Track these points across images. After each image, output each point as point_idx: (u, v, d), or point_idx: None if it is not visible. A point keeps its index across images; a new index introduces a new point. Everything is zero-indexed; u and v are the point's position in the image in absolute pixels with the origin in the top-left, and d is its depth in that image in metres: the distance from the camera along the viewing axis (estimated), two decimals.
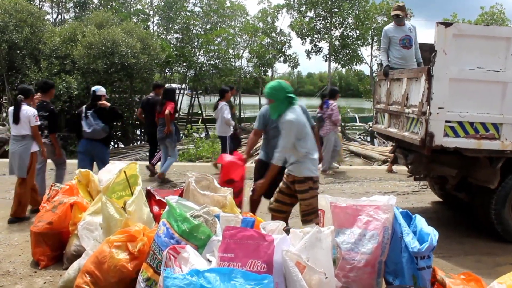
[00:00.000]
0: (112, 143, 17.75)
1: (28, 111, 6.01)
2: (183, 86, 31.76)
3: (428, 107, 5.35)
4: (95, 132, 6.65)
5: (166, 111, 8.37)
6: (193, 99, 30.16)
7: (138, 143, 19.52)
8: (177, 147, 9.88)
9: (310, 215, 4.23)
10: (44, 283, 4.08)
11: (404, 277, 3.42)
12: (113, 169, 4.76)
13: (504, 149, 5.56)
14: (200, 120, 26.39)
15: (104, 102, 6.83)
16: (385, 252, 3.47)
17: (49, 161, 6.82)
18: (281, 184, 4.64)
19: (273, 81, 4.60)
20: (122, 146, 18.55)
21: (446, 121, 5.39)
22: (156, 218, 4.21)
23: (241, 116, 30.39)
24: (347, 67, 32.26)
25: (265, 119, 5.21)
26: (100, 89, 6.96)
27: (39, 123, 6.11)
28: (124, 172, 4.31)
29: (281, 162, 4.38)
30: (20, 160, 5.98)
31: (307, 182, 4.39)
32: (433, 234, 3.46)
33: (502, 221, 5.74)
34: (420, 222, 3.65)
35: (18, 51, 18.53)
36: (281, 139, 4.33)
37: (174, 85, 33.72)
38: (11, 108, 6.15)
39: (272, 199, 4.69)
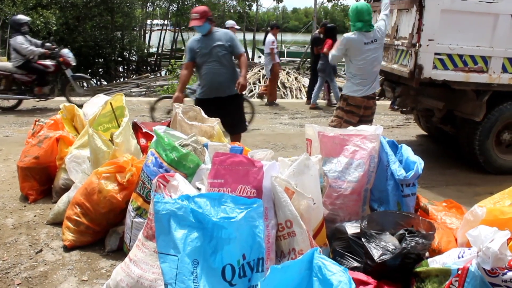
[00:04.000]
0: (95, 80, 17.44)
1: None
2: (166, 22, 30.91)
3: (418, 39, 5.31)
4: None
5: (325, 49, 9.46)
6: (176, 35, 29.48)
7: (122, 79, 19.17)
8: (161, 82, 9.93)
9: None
10: (35, 216, 4.11)
11: (389, 204, 3.50)
12: (99, 102, 4.69)
13: (491, 82, 5.61)
14: (184, 56, 25.79)
15: None
16: (371, 180, 3.52)
17: None
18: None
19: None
20: (105, 83, 18.23)
21: (436, 54, 5.39)
22: (144, 150, 4.21)
23: None
24: (333, 2, 31.48)
25: (192, 51, 5.15)
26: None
27: None
28: (110, 103, 4.25)
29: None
30: None
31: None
32: (418, 163, 3.52)
33: (484, 152, 5.90)
34: (406, 151, 3.70)
35: None
36: None
37: (156, 21, 32.78)
38: None
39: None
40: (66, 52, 9.60)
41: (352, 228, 3.01)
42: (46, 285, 3.09)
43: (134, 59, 20.88)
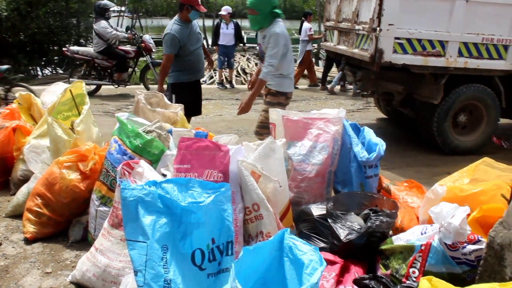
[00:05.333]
0: (50, 69, 16.87)
1: None
2: (123, 8, 30.19)
3: (379, 23, 5.40)
4: None
5: None
6: (133, 21, 28.81)
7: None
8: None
9: (265, 129, 4.24)
10: None
11: (352, 185, 3.58)
12: (57, 90, 4.56)
13: (448, 66, 5.80)
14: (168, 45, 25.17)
15: None
16: (334, 163, 3.58)
17: None
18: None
19: None
20: (61, 72, 17.64)
21: (396, 38, 5.51)
22: None
23: None
24: None
25: (182, 40, 5.07)
26: None
27: None
28: (70, 91, 4.13)
29: (270, 76, 4.30)
30: None
31: (278, 97, 4.43)
32: (380, 144, 3.60)
33: (442, 133, 6.10)
34: (369, 133, 3.78)
35: None
36: (269, 51, 4.25)
37: (114, 8, 31.92)
38: None
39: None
40: (147, 38, 9.69)
41: (317, 209, 3.06)
42: (7, 280, 2.99)
43: (91, 46, 20.34)
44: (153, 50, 9.50)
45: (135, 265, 2.13)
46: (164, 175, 2.97)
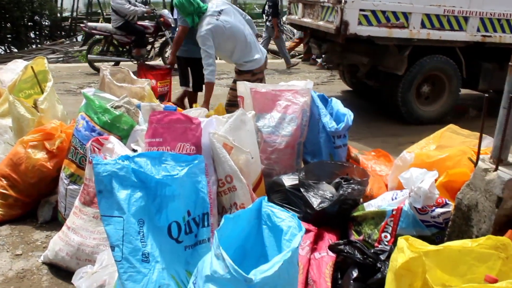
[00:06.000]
0: (3, 48, 16.23)
1: None
2: None
3: None
4: None
5: None
6: None
7: (34, 46, 17.92)
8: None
9: (233, 107, 4.24)
10: None
11: (321, 156, 3.62)
12: (17, 68, 4.41)
13: (412, 37, 5.90)
14: (99, 20, 24.57)
15: None
16: (304, 134, 3.61)
17: None
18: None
19: None
20: (16, 50, 16.98)
21: (360, 10, 5.55)
22: (155, 91, 4.56)
23: None
24: None
25: None
26: None
27: None
28: (32, 68, 3.99)
29: (213, 77, 4.42)
30: None
31: (244, 75, 4.47)
32: (348, 115, 3.66)
33: (406, 104, 6.23)
34: (337, 104, 3.82)
35: None
36: (202, 55, 4.31)
37: None
38: None
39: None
40: (166, 12, 9.39)
41: (289, 180, 3.09)
42: None
43: (46, 23, 19.59)
44: (172, 25, 9.29)
45: (112, 240, 2.11)
46: (135, 150, 2.94)
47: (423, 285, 1.38)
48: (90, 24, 9.39)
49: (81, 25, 9.65)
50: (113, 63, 9.20)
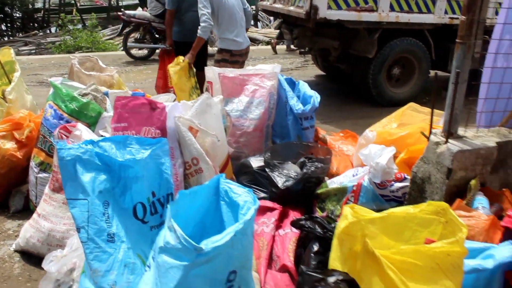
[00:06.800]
0: None
1: None
2: None
3: None
4: None
5: None
6: None
7: (6, 38, 17.57)
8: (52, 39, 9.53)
9: None
10: None
11: (290, 138, 3.71)
12: None
13: (381, 20, 5.98)
14: (74, 10, 24.12)
15: None
16: (271, 117, 3.68)
17: None
18: None
19: None
20: None
21: None
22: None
23: None
24: None
25: None
26: None
27: None
28: None
29: (204, 33, 4.52)
30: None
31: (223, 53, 4.70)
32: (315, 96, 3.73)
33: (377, 86, 6.34)
34: (303, 86, 3.89)
35: None
36: (199, 12, 4.45)
37: None
38: None
39: None
40: None
41: (256, 162, 3.17)
42: None
43: (18, 15, 19.20)
44: None
45: (78, 222, 2.15)
46: (103, 137, 2.97)
47: (363, 249, 1.46)
48: (128, 12, 9.33)
49: (119, 13, 9.64)
50: (147, 50, 9.40)
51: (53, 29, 15.97)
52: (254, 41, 13.39)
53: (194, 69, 4.69)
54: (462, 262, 1.52)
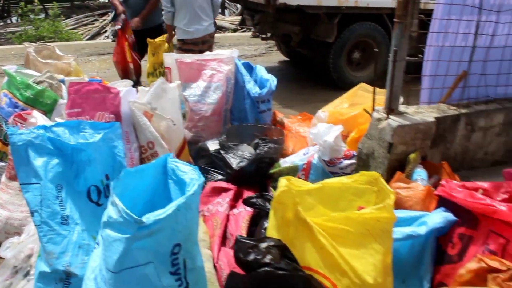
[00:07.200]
0: None
1: None
2: None
3: None
4: None
5: None
6: None
7: None
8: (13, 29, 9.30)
9: None
10: None
11: (248, 121, 3.77)
12: None
13: (340, 5, 6.08)
14: None
15: None
16: (229, 101, 3.74)
17: None
18: None
19: None
20: None
21: None
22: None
23: None
24: None
25: None
26: None
27: None
28: None
29: (168, 20, 4.93)
30: None
31: (178, 42, 4.96)
32: (271, 80, 3.80)
33: (338, 70, 6.46)
34: (260, 71, 3.96)
35: None
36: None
37: None
38: None
39: None
40: None
41: (213, 145, 3.22)
42: None
43: None
44: None
45: (31, 206, 2.18)
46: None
47: (295, 216, 1.54)
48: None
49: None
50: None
51: (14, 19, 15.58)
52: (220, 28, 13.39)
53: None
54: (391, 227, 1.63)
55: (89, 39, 11.73)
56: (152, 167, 1.93)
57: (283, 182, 1.63)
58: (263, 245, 1.42)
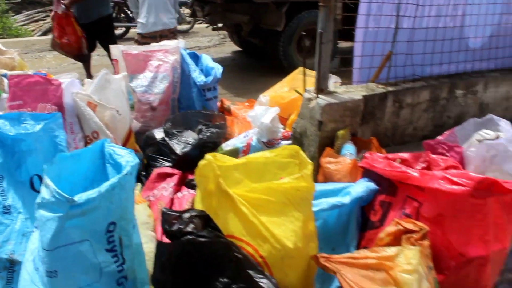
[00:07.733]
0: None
1: None
2: None
3: None
4: None
5: None
6: None
7: None
8: None
9: None
10: None
11: (195, 109, 3.86)
12: None
13: None
14: None
15: None
16: (176, 90, 3.83)
17: None
18: None
19: None
20: None
21: None
22: None
23: None
24: None
25: None
26: None
27: None
28: None
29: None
30: None
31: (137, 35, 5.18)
32: (217, 68, 3.90)
33: (288, 57, 6.63)
34: (206, 60, 4.05)
35: None
36: None
37: None
38: None
39: None
40: None
41: (160, 133, 3.30)
42: None
43: None
44: None
45: None
46: None
47: (216, 188, 1.66)
48: None
49: None
50: (121, 29, 9.48)
51: None
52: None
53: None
54: (311, 195, 1.76)
55: (41, 35, 11.50)
56: (89, 151, 2.00)
57: (206, 156, 1.74)
58: (186, 215, 1.53)
